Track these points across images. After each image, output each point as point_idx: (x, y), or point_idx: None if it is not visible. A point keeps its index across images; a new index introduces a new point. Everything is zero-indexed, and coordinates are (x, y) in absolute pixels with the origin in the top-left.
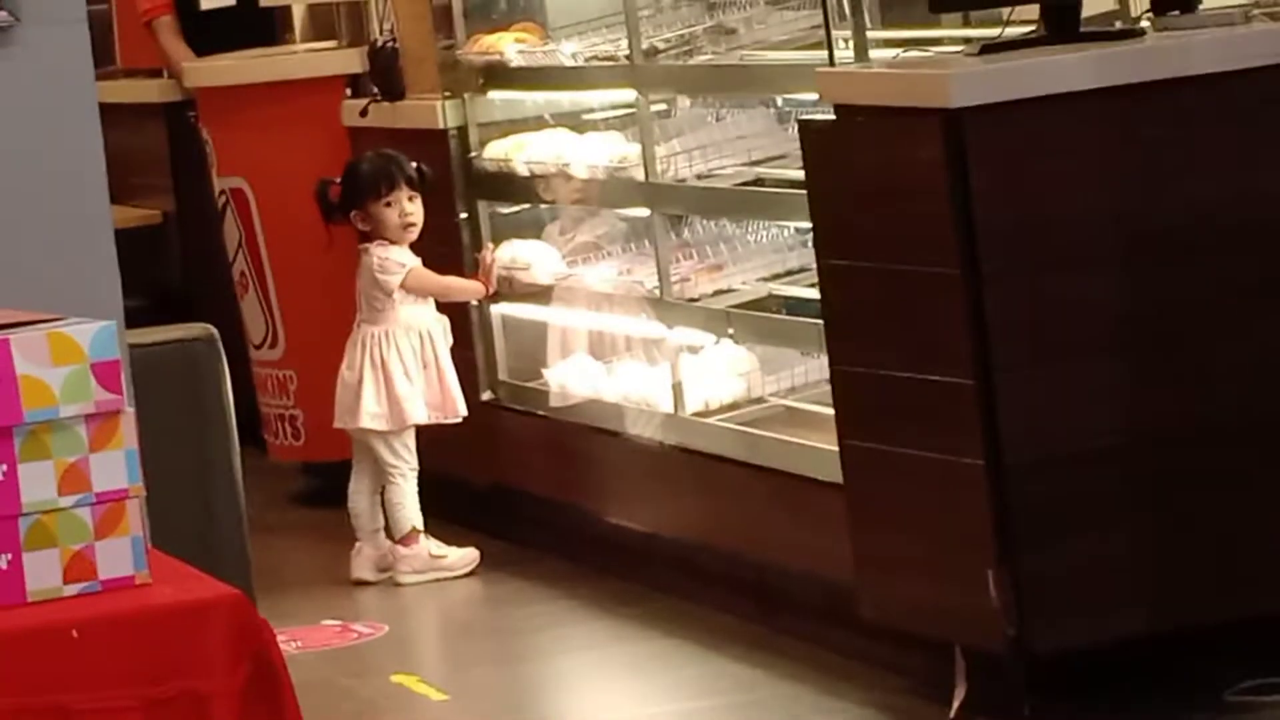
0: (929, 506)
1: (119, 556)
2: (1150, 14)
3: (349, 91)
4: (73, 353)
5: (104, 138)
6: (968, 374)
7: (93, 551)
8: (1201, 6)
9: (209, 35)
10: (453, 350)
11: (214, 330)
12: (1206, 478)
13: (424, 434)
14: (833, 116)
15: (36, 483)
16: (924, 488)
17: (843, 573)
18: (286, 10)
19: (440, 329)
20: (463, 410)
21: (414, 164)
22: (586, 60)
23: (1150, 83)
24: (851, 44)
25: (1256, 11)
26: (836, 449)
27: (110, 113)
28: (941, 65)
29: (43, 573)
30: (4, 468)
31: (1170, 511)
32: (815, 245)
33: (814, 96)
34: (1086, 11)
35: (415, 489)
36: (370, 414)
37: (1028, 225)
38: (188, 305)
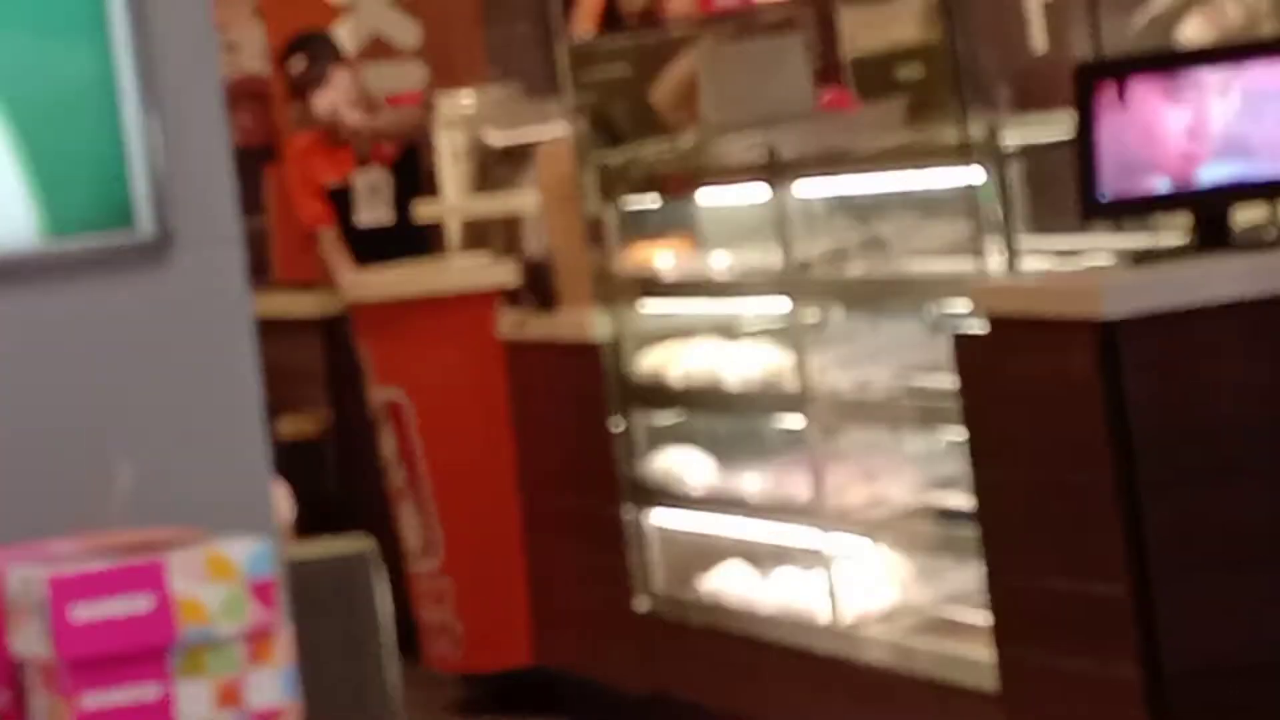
0: (1087, 717)
1: None
2: None
3: (504, 304)
4: (229, 571)
5: (260, 351)
6: (1125, 585)
7: None
8: None
9: (367, 248)
10: (606, 558)
11: (372, 544)
12: None
13: (577, 640)
14: (985, 327)
15: (193, 701)
16: (1081, 698)
17: None
18: (440, 225)
19: None
20: None
21: None
22: (739, 272)
23: None
24: (1003, 254)
25: None
26: (992, 659)
27: (267, 326)
28: (1094, 276)
29: None
30: (161, 687)
31: None
32: (970, 455)
33: (966, 307)
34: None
35: None
36: None
37: (1183, 435)
38: (345, 516)
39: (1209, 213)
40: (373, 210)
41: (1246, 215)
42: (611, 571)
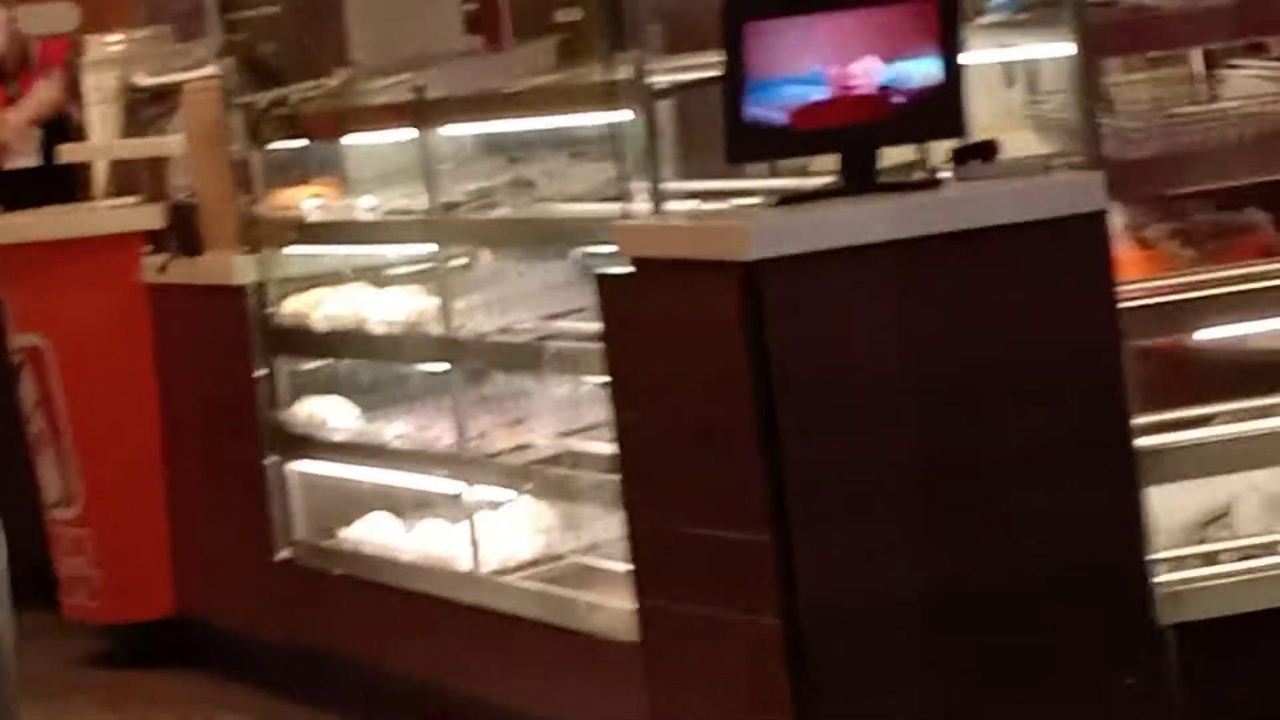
0: (726, 666)
1: None
2: (951, 163)
3: (150, 248)
4: None
5: None
6: (764, 530)
7: None
8: (1002, 156)
9: (15, 193)
10: (247, 506)
11: None
12: (1008, 631)
13: (218, 590)
14: (629, 269)
15: None
16: (721, 647)
17: None
18: (87, 167)
19: None
20: None
21: None
22: (385, 214)
23: (947, 234)
24: (650, 196)
25: (1058, 161)
26: (633, 607)
27: None
28: (738, 217)
29: None
30: None
31: (972, 667)
32: (612, 400)
33: (611, 249)
34: (888, 161)
35: None
36: None
37: (825, 379)
38: None
39: (855, 154)
40: (21, 153)
41: (894, 156)
42: (252, 520)
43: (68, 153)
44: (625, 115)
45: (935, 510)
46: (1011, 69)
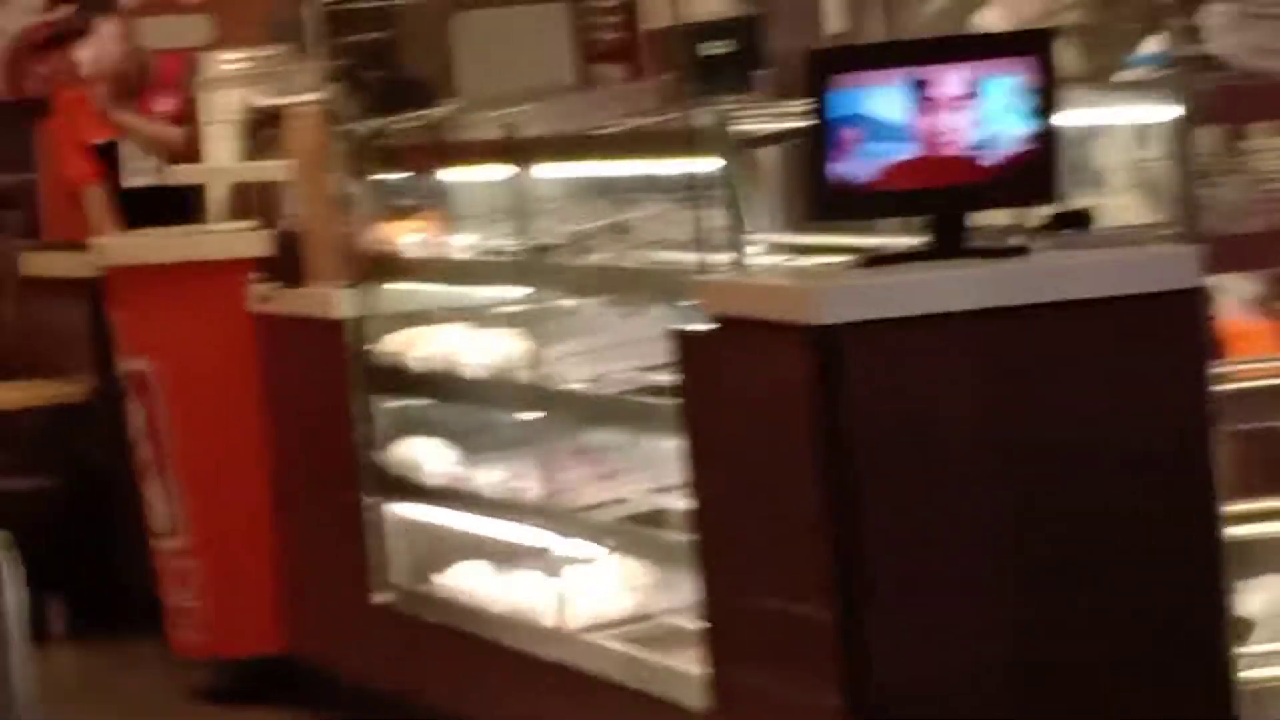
0: None
1: None
2: (1046, 228)
3: (257, 275)
4: None
5: (28, 312)
6: (832, 607)
7: None
8: (1100, 224)
9: (139, 209)
10: (348, 547)
11: (7, 537)
12: (1097, 704)
13: (321, 629)
14: (708, 327)
15: None
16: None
17: None
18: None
19: None
20: None
21: None
22: (482, 254)
23: (1033, 305)
24: (736, 249)
25: (1158, 231)
26: (706, 675)
27: (36, 286)
28: (814, 279)
29: None
30: None
31: None
32: (689, 462)
33: (694, 304)
34: (981, 223)
35: None
36: None
37: (898, 450)
38: (111, 483)
39: (943, 217)
40: (142, 170)
41: (988, 220)
42: (353, 561)
43: (179, 173)
44: (715, 163)
45: (1014, 590)
46: (1133, 131)
